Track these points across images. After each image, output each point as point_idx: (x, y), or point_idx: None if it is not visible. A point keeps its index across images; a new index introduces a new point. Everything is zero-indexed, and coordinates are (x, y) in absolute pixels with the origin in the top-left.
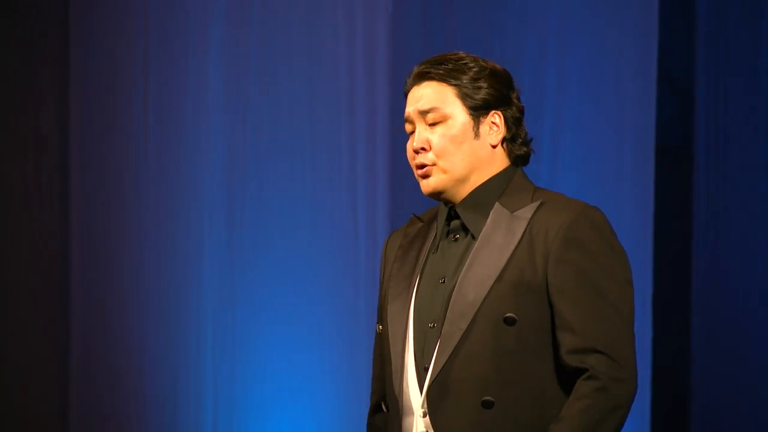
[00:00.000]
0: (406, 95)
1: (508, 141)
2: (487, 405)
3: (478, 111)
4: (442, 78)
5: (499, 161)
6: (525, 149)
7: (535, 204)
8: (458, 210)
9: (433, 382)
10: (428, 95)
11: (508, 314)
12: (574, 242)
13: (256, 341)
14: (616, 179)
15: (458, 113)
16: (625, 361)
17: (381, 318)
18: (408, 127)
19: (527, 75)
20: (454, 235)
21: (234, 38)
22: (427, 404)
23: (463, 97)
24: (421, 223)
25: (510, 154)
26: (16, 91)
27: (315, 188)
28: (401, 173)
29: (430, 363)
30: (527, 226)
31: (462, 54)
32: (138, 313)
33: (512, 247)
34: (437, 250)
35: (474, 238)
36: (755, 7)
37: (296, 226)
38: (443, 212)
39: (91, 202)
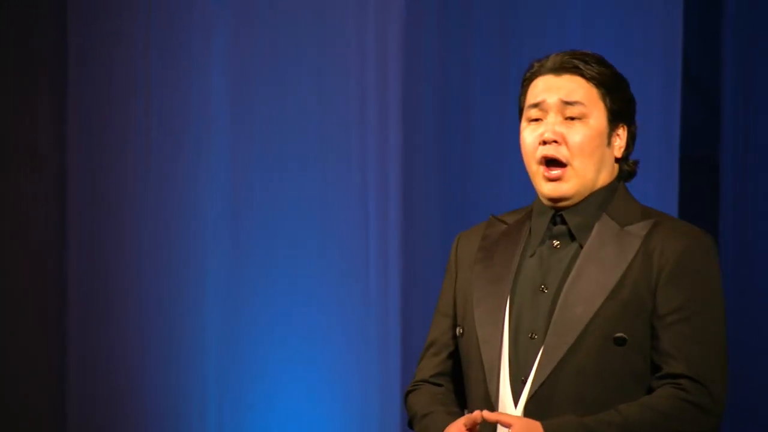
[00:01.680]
0: (527, 80)
1: (623, 157)
2: None
3: (615, 119)
4: (592, 77)
5: (614, 173)
6: (633, 168)
7: (650, 222)
8: (567, 216)
9: (532, 396)
10: (574, 89)
11: (619, 334)
12: (687, 268)
13: (263, 357)
14: (639, 189)
15: (599, 116)
16: (717, 396)
17: (459, 319)
18: (533, 113)
19: None
20: (556, 242)
21: (238, 45)
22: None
23: (607, 102)
24: (505, 225)
25: (621, 170)
26: (12, 104)
27: (324, 199)
28: (415, 185)
29: (528, 375)
30: (641, 244)
31: (597, 54)
32: (137, 330)
33: (626, 263)
34: (533, 255)
35: (580, 247)
36: None
37: (304, 238)
38: (543, 215)
39: (90, 214)
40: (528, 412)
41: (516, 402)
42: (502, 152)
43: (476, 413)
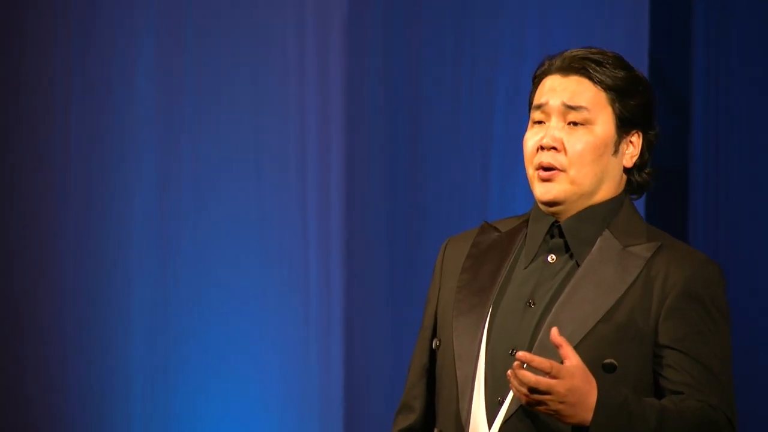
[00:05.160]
0: (538, 78)
1: (636, 167)
2: None
3: (625, 125)
4: (600, 81)
5: (620, 185)
6: (647, 179)
7: (654, 245)
8: (565, 229)
9: (509, 418)
10: (580, 93)
11: (609, 360)
12: (694, 296)
13: (193, 373)
14: None
15: (605, 123)
16: (735, 423)
17: (437, 330)
18: (537, 116)
19: (503, 84)
20: (551, 255)
21: (167, 44)
22: None
23: (616, 108)
24: (497, 233)
25: (629, 180)
26: None
27: (260, 207)
28: (358, 193)
29: (506, 396)
30: (644, 267)
31: (614, 54)
32: (59, 362)
33: (625, 286)
34: (526, 267)
35: (577, 264)
36: (762, 2)
37: (238, 248)
38: (540, 225)
39: (6, 222)
40: None
41: (490, 423)
42: (453, 157)
43: None
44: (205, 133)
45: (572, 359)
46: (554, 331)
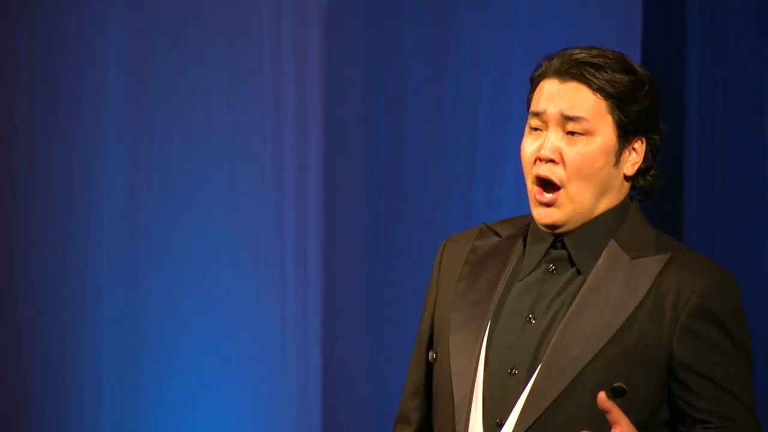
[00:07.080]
0: (535, 80)
1: (640, 172)
2: None
3: (627, 133)
4: (599, 88)
5: (622, 192)
6: (652, 182)
7: (664, 257)
8: (567, 242)
9: None
10: (579, 101)
11: (618, 384)
12: (709, 315)
13: (164, 396)
14: None
15: (606, 132)
16: None
17: (433, 343)
18: (534, 122)
19: (488, 82)
20: (552, 267)
21: (138, 44)
22: None
23: (616, 116)
24: (497, 238)
25: (633, 185)
26: None
27: (234, 208)
28: (337, 194)
29: (506, 418)
30: (653, 282)
31: (616, 55)
32: (24, 373)
33: (634, 304)
34: (525, 278)
35: (579, 274)
36: None
37: (213, 257)
38: (541, 237)
39: None
40: None
41: None
42: (436, 158)
43: None
44: (178, 134)
45: (623, 425)
46: (602, 396)
